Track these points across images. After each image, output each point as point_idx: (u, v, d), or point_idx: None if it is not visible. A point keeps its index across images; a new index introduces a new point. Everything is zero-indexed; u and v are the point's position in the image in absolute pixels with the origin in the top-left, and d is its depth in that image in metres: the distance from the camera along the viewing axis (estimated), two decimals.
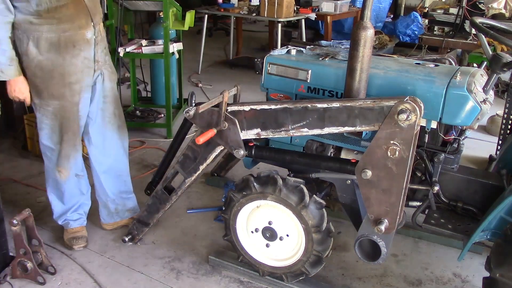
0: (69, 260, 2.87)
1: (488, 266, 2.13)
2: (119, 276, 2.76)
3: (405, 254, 3.01)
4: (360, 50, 2.21)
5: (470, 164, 3.97)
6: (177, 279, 2.74)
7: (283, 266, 2.58)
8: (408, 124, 1.98)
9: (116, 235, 3.10)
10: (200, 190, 3.70)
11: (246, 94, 5.38)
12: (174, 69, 4.98)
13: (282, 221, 2.49)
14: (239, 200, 2.51)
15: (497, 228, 2.28)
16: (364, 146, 2.47)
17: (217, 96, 2.37)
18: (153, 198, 2.82)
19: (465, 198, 2.56)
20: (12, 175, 3.84)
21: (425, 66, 2.56)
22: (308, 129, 2.23)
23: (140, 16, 7.81)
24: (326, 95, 2.58)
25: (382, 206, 2.15)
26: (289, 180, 2.41)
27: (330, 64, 2.62)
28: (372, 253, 2.31)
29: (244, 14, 6.71)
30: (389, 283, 2.76)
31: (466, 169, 2.68)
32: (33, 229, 2.64)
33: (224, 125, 2.36)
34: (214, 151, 2.51)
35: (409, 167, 2.08)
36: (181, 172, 2.64)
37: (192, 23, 4.63)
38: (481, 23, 2.40)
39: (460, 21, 5.80)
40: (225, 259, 2.80)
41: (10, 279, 2.66)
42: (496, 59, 2.30)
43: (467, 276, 2.82)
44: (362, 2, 2.21)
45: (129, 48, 4.44)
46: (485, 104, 2.31)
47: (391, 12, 9.38)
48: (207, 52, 7.28)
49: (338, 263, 2.90)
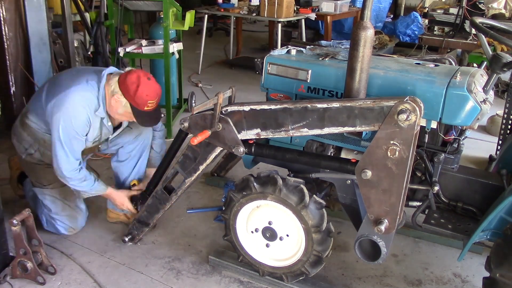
0: (69, 260, 2.87)
1: (488, 266, 2.13)
2: (119, 276, 2.76)
3: (405, 254, 3.01)
4: (360, 50, 2.20)
5: (470, 164, 3.97)
6: (177, 279, 2.74)
7: (283, 266, 2.58)
8: (408, 124, 1.98)
9: (116, 235, 3.11)
10: (200, 190, 3.70)
11: (246, 94, 5.40)
12: (174, 69, 4.99)
13: (282, 221, 2.49)
14: (239, 200, 2.51)
15: (497, 228, 2.28)
16: (364, 146, 2.47)
17: (212, 98, 2.38)
18: (153, 198, 2.82)
19: (465, 198, 2.56)
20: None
21: (425, 66, 2.56)
22: (308, 129, 2.23)
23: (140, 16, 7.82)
24: (326, 95, 2.58)
25: (382, 206, 2.15)
26: (289, 180, 2.41)
27: (330, 64, 2.62)
28: (372, 253, 2.31)
29: (244, 14, 6.71)
30: (389, 283, 2.76)
31: (466, 169, 2.68)
32: (33, 229, 2.64)
33: (218, 126, 2.36)
34: (214, 151, 2.51)
35: (409, 167, 2.08)
36: (181, 172, 2.63)
37: (192, 23, 4.63)
38: (481, 23, 2.40)
39: (460, 21, 5.81)
40: (225, 259, 2.80)
41: (10, 279, 2.66)
42: (496, 59, 2.30)
43: (467, 276, 2.82)
44: (362, 2, 2.21)
45: (129, 48, 4.44)
46: (485, 104, 2.31)
47: (391, 12, 9.38)
48: (207, 52, 7.28)
49: (338, 263, 2.90)
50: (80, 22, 5.82)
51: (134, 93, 2.59)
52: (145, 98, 2.61)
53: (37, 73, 4.37)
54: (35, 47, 4.33)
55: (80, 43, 5.39)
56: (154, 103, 2.67)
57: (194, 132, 2.44)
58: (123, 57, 4.46)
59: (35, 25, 4.29)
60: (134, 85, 2.59)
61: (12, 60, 4.27)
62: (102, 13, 5.01)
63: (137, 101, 2.61)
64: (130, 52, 4.45)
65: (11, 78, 4.30)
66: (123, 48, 4.43)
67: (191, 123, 2.45)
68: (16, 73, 4.32)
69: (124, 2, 4.52)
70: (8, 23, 4.17)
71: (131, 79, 2.60)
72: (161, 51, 4.45)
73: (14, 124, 2.97)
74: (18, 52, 4.30)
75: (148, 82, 2.63)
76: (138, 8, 4.80)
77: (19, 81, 4.35)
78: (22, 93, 4.38)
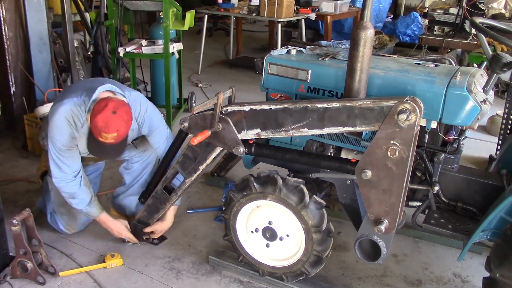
0: (69, 260, 2.87)
1: (488, 266, 2.13)
2: (119, 276, 2.76)
3: (405, 254, 3.01)
4: (360, 50, 2.21)
5: (470, 164, 3.97)
6: (177, 279, 2.74)
7: (283, 266, 2.58)
8: (408, 124, 1.98)
9: None
10: (200, 190, 3.70)
11: (246, 94, 5.40)
12: (174, 69, 4.99)
13: (282, 221, 2.49)
14: (239, 200, 2.51)
15: (497, 228, 2.28)
16: (364, 146, 2.47)
17: (212, 98, 2.38)
18: (153, 198, 2.82)
19: (465, 198, 2.56)
20: (12, 175, 3.84)
21: (425, 66, 2.56)
22: (308, 129, 2.23)
23: (140, 16, 7.81)
24: (326, 95, 2.58)
25: (382, 206, 2.15)
26: (289, 180, 2.41)
27: (330, 64, 2.62)
28: (372, 253, 2.31)
29: (244, 14, 6.71)
30: (389, 283, 2.76)
31: (466, 169, 2.68)
32: (33, 229, 2.64)
33: (218, 126, 2.36)
34: (214, 151, 2.51)
35: (409, 167, 2.08)
36: (181, 172, 2.63)
37: (192, 23, 4.63)
38: (481, 23, 2.40)
39: (460, 21, 5.81)
40: (225, 259, 2.80)
41: (10, 279, 2.66)
42: (496, 59, 2.30)
43: (467, 276, 2.82)
44: (362, 2, 2.21)
45: (129, 48, 4.44)
46: (485, 104, 2.31)
47: (391, 12, 9.38)
48: (207, 52, 7.28)
49: (338, 263, 2.90)
50: (80, 22, 5.82)
51: (93, 117, 2.48)
52: (99, 127, 2.47)
53: (37, 73, 4.37)
54: (35, 47, 4.33)
55: (80, 43, 5.39)
56: (109, 137, 2.50)
57: (194, 132, 2.44)
58: (123, 57, 4.46)
59: (35, 25, 4.29)
60: (96, 111, 2.48)
61: (12, 60, 4.27)
62: (102, 13, 5.01)
63: (92, 127, 2.51)
64: (130, 52, 4.45)
65: (11, 78, 4.31)
66: (123, 48, 4.43)
67: (191, 123, 2.45)
68: (16, 73, 4.33)
69: (124, 2, 4.52)
70: (8, 23, 4.17)
71: (100, 104, 2.50)
72: (161, 51, 4.45)
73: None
74: (18, 52, 4.30)
75: (111, 116, 2.46)
76: (138, 8, 4.80)
77: (19, 81, 4.36)
78: (22, 93, 4.38)
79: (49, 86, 4.39)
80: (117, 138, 2.51)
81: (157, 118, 2.89)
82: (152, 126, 2.85)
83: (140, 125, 2.81)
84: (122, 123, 2.49)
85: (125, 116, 2.51)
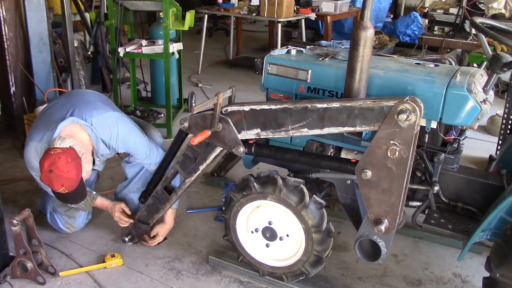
0: (69, 260, 2.87)
1: (488, 266, 2.13)
2: (119, 276, 2.76)
3: (405, 254, 3.01)
4: (360, 50, 2.20)
5: (470, 164, 3.97)
6: (177, 279, 2.74)
7: (283, 266, 2.58)
8: (408, 124, 1.98)
9: (116, 235, 3.10)
10: (200, 190, 3.70)
11: (246, 94, 5.40)
12: (174, 69, 4.99)
13: (282, 221, 2.49)
14: (239, 200, 2.51)
15: (497, 228, 2.28)
16: (364, 146, 2.47)
17: (212, 98, 2.38)
18: (153, 198, 2.82)
19: (465, 198, 2.56)
20: (12, 175, 3.84)
21: (425, 66, 2.56)
22: (308, 129, 2.23)
23: (140, 16, 7.82)
24: (326, 95, 2.58)
25: (382, 206, 2.15)
26: (289, 180, 2.41)
27: (330, 64, 2.62)
28: (372, 253, 2.31)
29: (244, 14, 6.71)
30: (389, 283, 2.76)
31: (466, 169, 2.68)
32: (33, 229, 2.64)
33: (218, 126, 2.36)
34: (214, 151, 2.51)
35: (409, 167, 2.08)
36: (181, 172, 2.63)
37: (192, 23, 4.63)
38: (481, 23, 2.40)
39: (460, 21, 5.81)
40: (225, 259, 2.80)
41: (10, 279, 2.66)
42: (496, 59, 2.30)
43: (467, 276, 2.82)
44: (362, 2, 2.21)
45: (129, 48, 4.44)
46: (485, 104, 2.31)
47: (391, 12, 9.38)
48: (207, 52, 7.28)
49: (338, 263, 2.90)
50: (80, 22, 5.83)
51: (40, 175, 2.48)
52: (47, 185, 2.49)
53: (37, 73, 4.37)
54: (35, 47, 4.33)
55: (80, 43, 5.39)
56: (60, 191, 2.47)
57: (194, 132, 2.44)
58: (123, 57, 4.46)
59: (35, 25, 4.29)
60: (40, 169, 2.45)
61: (12, 60, 4.27)
62: (102, 13, 5.02)
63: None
64: (130, 52, 4.45)
65: (11, 78, 4.31)
66: (123, 48, 4.43)
67: (191, 123, 2.45)
68: (16, 73, 4.33)
69: (124, 2, 4.52)
70: (8, 23, 4.17)
71: (41, 161, 2.45)
72: (161, 51, 4.45)
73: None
74: (18, 52, 4.30)
75: (49, 175, 2.41)
76: (138, 8, 4.80)
77: (19, 81, 4.36)
78: (22, 93, 4.38)
79: (49, 86, 4.40)
80: (67, 189, 2.48)
81: (132, 140, 2.84)
82: (128, 149, 2.87)
83: (115, 147, 2.80)
84: (61, 179, 2.42)
85: (64, 168, 2.41)
